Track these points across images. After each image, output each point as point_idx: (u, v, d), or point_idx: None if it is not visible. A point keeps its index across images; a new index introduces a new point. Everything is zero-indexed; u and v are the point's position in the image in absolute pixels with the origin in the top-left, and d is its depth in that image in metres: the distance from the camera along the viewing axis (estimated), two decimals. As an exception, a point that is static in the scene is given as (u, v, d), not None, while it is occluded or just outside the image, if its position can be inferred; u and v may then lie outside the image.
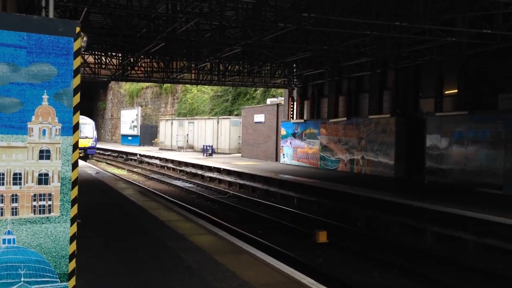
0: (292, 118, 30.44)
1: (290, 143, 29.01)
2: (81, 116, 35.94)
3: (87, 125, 37.56)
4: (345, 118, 24.79)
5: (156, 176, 28.78)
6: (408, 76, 21.91)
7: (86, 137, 36.14)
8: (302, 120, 28.79)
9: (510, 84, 16.94)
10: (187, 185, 24.80)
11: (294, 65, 27.68)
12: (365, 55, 21.09)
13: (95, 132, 39.04)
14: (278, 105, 32.38)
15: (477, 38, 16.07)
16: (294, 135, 28.66)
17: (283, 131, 29.88)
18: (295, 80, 29.80)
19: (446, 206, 13.01)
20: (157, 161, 35.57)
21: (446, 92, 19.97)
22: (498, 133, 16.11)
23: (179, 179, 27.51)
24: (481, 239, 11.53)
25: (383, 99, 23.52)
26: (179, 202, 17.67)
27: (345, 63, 23.43)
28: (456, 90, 19.38)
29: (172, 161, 33.37)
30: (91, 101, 69.47)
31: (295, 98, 30.63)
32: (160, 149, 47.09)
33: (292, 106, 30.80)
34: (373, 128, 22.44)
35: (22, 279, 3.11)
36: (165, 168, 33.27)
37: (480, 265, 10.60)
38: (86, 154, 36.63)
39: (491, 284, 9.41)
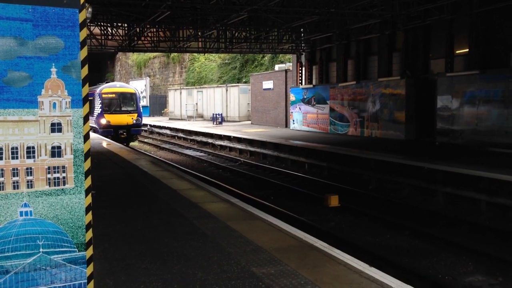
0: (301, 83, 30.23)
1: (300, 108, 28.90)
2: (119, 83, 29.47)
3: (128, 96, 28.39)
4: (354, 82, 24.57)
5: (167, 146, 28.95)
6: (418, 36, 21.55)
7: (128, 112, 27.67)
8: (311, 85, 28.59)
9: (523, 41, 16.62)
10: (198, 154, 24.94)
11: (302, 29, 27.30)
12: (373, 16, 20.72)
13: (140, 105, 28.89)
14: (286, 71, 32.13)
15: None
16: (303, 100, 28.52)
17: (292, 97, 29.73)
18: (302, 45, 29.46)
19: (457, 166, 12.99)
20: (167, 131, 35.70)
21: (457, 52, 19.65)
22: (510, 92, 15.91)
23: (190, 148, 27.66)
24: (493, 198, 11.54)
25: (392, 61, 23.24)
26: (191, 171, 17.82)
27: (353, 25, 23.07)
28: (467, 50, 19.06)
29: (182, 131, 33.48)
30: (99, 73, 69.33)
31: (303, 63, 30.35)
32: (170, 119, 47.20)
33: (300, 71, 30.54)
34: (383, 91, 22.25)
35: (41, 249, 3.18)
36: (176, 137, 33.41)
37: (493, 224, 10.66)
38: (130, 135, 27.64)
39: (504, 243, 9.47)
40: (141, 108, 29.25)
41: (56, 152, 3.31)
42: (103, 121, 27.05)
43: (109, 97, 27.67)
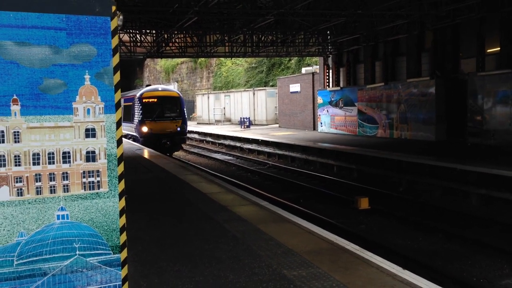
0: (328, 86, 30.08)
1: (327, 111, 28.75)
2: (161, 86, 26.94)
3: (171, 100, 25.23)
4: (382, 83, 24.32)
5: (195, 150, 29.17)
6: (447, 36, 21.20)
7: (172, 118, 24.65)
8: (339, 88, 28.42)
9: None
10: (226, 157, 25.05)
11: (328, 32, 27.18)
12: (401, 17, 20.49)
13: (185, 110, 25.76)
14: (313, 73, 32.03)
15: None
16: (330, 103, 28.37)
17: (319, 100, 29.61)
18: (329, 47, 29.33)
19: (490, 167, 12.70)
20: (196, 135, 35.97)
21: (488, 51, 19.25)
22: (545, 90, 15.50)
23: (218, 152, 27.81)
24: (528, 200, 11.24)
25: (421, 62, 22.91)
26: (220, 175, 17.91)
27: (381, 26, 22.85)
28: (499, 48, 18.65)
29: (211, 135, 33.68)
30: (128, 79, 70.43)
31: (330, 66, 30.20)
32: (198, 123, 47.58)
33: (327, 74, 30.40)
34: (412, 92, 21.95)
35: (77, 252, 3.26)
36: (204, 142, 33.64)
37: (528, 226, 10.38)
38: (175, 144, 24.60)
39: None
40: (186, 114, 26.00)
41: (90, 156, 3.38)
42: (144, 129, 24.01)
43: (150, 102, 24.49)
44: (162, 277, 5.38)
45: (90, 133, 3.41)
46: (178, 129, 24.42)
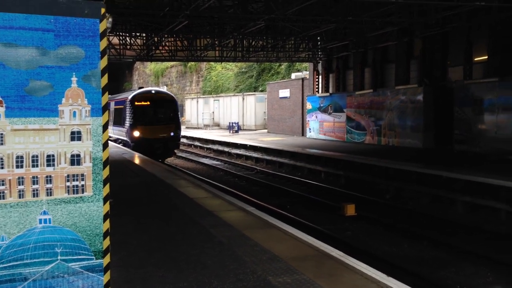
0: (318, 92, 30.19)
1: (316, 117, 28.84)
2: (154, 89, 25.70)
3: (165, 103, 24.03)
4: (371, 90, 24.47)
5: (183, 155, 29.08)
6: (436, 44, 21.40)
7: (165, 123, 23.45)
8: (328, 94, 28.54)
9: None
10: (214, 162, 25.00)
11: (318, 38, 27.32)
12: (390, 24, 20.66)
13: (179, 115, 24.85)
14: (303, 79, 32.14)
15: (507, 1, 15.53)
16: (320, 109, 28.47)
17: (308, 105, 29.70)
18: (319, 53, 29.46)
19: (476, 175, 12.81)
20: (184, 140, 35.86)
21: (476, 59, 19.46)
22: (530, 100, 15.69)
23: (206, 156, 27.75)
24: (513, 208, 11.35)
25: (410, 69, 23.10)
26: (207, 180, 17.86)
27: (370, 33, 23.01)
28: (486, 57, 18.86)
29: (199, 139, 33.62)
30: (117, 82, 70.14)
31: (320, 72, 30.33)
32: (186, 127, 47.47)
33: (317, 79, 30.52)
34: (400, 99, 22.11)
35: (59, 257, 3.21)
36: (192, 146, 33.56)
37: (512, 234, 10.47)
38: (168, 149, 23.50)
39: (524, 253, 9.29)
40: (180, 118, 24.71)
41: (75, 160, 3.35)
42: (136, 133, 22.82)
43: (142, 105, 23.34)
44: (146, 282, 5.34)
45: (75, 136, 3.38)
46: (172, 134, 23.22)
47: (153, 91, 24.93)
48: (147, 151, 22.02)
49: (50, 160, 3.28)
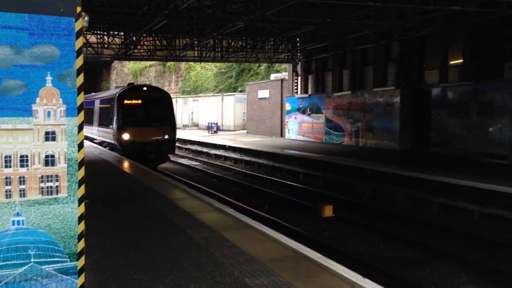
0: (297, 93, 30.32)
1: (295, 118, 28.96)
2: (146, 85, 23.94)
3: (158, 102, 21.15)
4: (349, 92, 24.68)
5: (162, 154, 28.85)
6: (413, 47, 21.69)
7: (159, 124, 20.53)
8: (307, 95, 28.68)
9: (516, 53, 16.76)
10: (193, 163, 24.90)
11: (298, 39, 27.45)
12: (369, 27, 20.87)
13: (174, 114, 21.90)
14: (282, 80, 32.24)
15: (482, 6, 15.83)
16: (298, 110, 28.59)
17: (287, 106, 29.80)
18: (298, 54, 29.59)
19: (451, 177, 13.03)
20: (163, 139, 35.61)
21: (451, 63, 19.79)
22: (504, 103, 16.00)
23: (185, 157, 27.62)
24: (486, 209, 11.57)
25: (387, 72, 23.37)
26: (186, 180, 17.78)
27: (349, 35, 23.22)
28: (462, 60, 19.20)
29: (178, 140, 33.39)
30: (94, 81, 69.33)
31: (299, 73, 30.47)
32: (165, 127, 47.13)
33: (296, 81, 30.65)
34: (378, 101, 22.34)
35: (32, 259, 3.17)
36: (171, 146, 33.33)
37: (485, 234, 10.68)
38: (161, 154, 20.55)
39: (497, 252, 9.48)
40: (175, 118, 21.96)
41: (50, 160, 3.30)
42: (125, 136, 19.90)
43: (133, 104, 20.56)
44: (122, 285, 5.29)
45: (50, 136, 3.33)
46: (166, 136, 20.37)
47: (144, 88, 22.36)
48: (138, 156, 19.45)
49: (24, 160, 3.23)
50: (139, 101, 20.67)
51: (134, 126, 20.14)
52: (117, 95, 20.85)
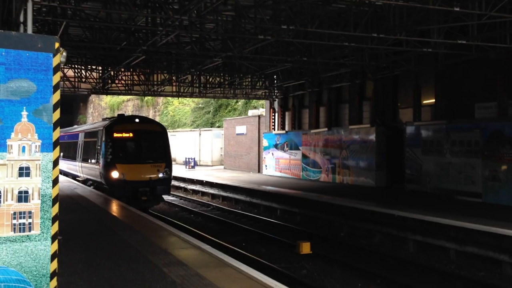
0: (274, 129, 30.54)
1: (272, 154, 29.06)
2: (139, 117, 20.62)
3: (153, 136, 19.03)
4: (326, 129, 24.95)
5: (137, 190, 28.46)
6: (387, 86, 22.18)
7: (153, 161, 18.37)
8: (284, 131, 28.90)
9: (486, 93, 17.28)
10: (169, 198, 24.62)
11: (275, 76, 27.85)
12: (344, 66, 21.34)
13: (170, 150, 19.35)
14: (259, 116, 32.48)
15: (452, 49, 16.37)
16: (276, 146, 28.73)
17: (265, 142, 29.94)
18: (276, 91, 29.96)
19: (426, 215, 13.13)
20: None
21: (424, 102, 20.26)
22: (476, 142, 16.37)
23: (161, 192, 27.26)
24: (462, 247, 11.65)
25: (363, 109, 23.77)
26: (162, 216, 17.53)
27: (325, 74, 23.67)
28: (434, 100, 19.68)
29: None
30: (71, 115, 68.75)
31: (276, 109, 30.77)
32: (141, 162, 46.67)
33: (273, 117, 30.91)
34: (354, 138, 22.62)
35: (2, 299, 3.05)
36: (147, 181, 32.94)
37: (462, 273, 10.73)
38: (155, 195, 18.15)
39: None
40: (171, 154, 19.79)
41: (23, 197, 3.23)
42: (114, 174, 17.75)
43: (123, 138, 18.49)
44: (95, 324, 5.11)
45: (24, 172, 3.27)
46: (161, 175, 18.11)
47: (136, 120, 19.80)
48: (128, 196, 17.48)
49: (-4, 196, 3.15)
50: (130, 134, 18.62)
51: (125, 163, 18.01)
52: (105, 127, 18.76)
